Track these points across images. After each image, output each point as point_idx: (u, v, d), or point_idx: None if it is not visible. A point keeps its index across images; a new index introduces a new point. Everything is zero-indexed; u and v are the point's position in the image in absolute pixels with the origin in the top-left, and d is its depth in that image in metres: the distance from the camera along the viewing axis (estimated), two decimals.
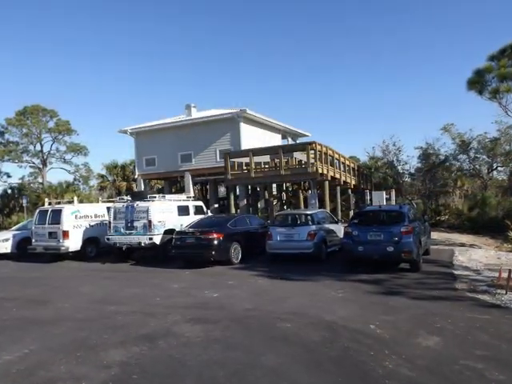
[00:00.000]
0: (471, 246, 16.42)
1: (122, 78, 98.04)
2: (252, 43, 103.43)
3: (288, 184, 25.72)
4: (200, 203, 17.70)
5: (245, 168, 21.35)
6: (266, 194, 25.13)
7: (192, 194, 19.69)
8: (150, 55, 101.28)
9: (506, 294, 8.31)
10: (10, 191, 37.62)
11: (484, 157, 29.54)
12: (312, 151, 19.30)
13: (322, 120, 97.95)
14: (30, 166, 40.57)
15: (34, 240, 16.16)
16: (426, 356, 5.38)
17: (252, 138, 23.91)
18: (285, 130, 27.83)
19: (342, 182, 22.69)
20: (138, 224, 14.52)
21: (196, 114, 26.23)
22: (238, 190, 24.15)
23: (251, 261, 13.72)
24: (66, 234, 15.62)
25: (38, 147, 39.85)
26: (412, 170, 30.34)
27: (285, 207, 25.59)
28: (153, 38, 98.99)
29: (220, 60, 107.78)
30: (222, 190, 42.17)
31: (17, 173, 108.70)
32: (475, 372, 4.91)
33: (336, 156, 22.16)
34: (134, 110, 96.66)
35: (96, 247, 16.48)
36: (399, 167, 29.59)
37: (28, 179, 41.15)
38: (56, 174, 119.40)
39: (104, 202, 20.70)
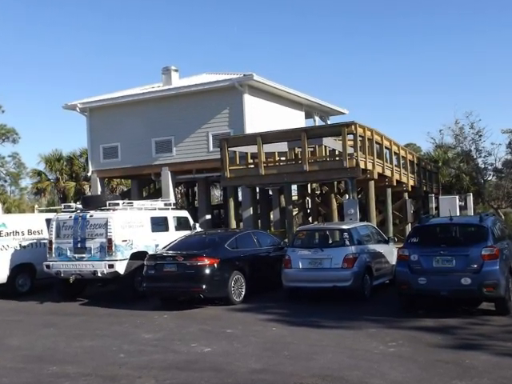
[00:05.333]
0: None
1: (68, 27, 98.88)
2: None
3: (315, 185, 25.68)
4: (184, 213, 17.73)
5: (251, 161, 21.38)
6: (283, 200, 25.12)
7: (173, 200, 19.74)
8: None
9: None
10: None
11: None
12: (350, 136, 19.25)
13: (363, 91, 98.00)
14: None
15: None
16: None
17: (261, 116, 23.92)
18: (310, 104, 27.82)
19: (394, 182, 22.62)
20: (93, 244, 14.57)
21: (179, 82, 26.29)
22: (240, 195, 24.15)
23: (260, 299, 13.73)
24: None
25: None
26: (498, 165, 30.19)
27: (310, 219, 25.57)
28: None
29: (216, 3, 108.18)
30: (216, 193, 42.31)
31: None
32: None
33: (386, 143, 22.10)
34: (88, 76, 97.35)
35: (30, 278, 16.54)
36: (479, 160, 29.46)
37: None
38: None
39: (42, 211, 20.82)
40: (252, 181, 20.79)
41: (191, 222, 17.52)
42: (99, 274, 14.37)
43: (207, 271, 12.80)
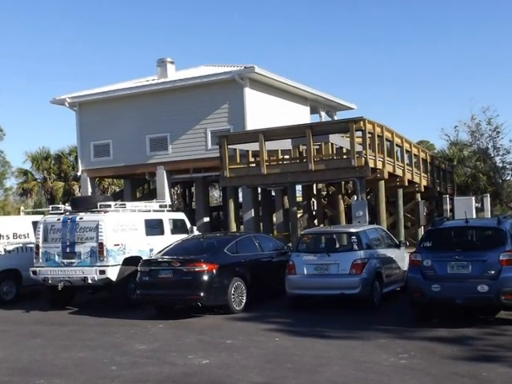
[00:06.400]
0: None
1: (57, 17, 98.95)
2: None
3: (321, 185, 25.71)
4: (181, 216, 17.71)
5: (252, 160, 21.40)
6: (286, 202, 25.14)
7: (168, 202, 19.76)
8: None
9: None
10: None
11: None
12: (359, 133, 19.27)
13: (373, 85, 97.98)
14: None
15: None
16: None
17: (263, 111, 23.93)
18: (316, 99, 27.84)
19: (406, 182, 22.63)
20: (83, 249, 14.55)
21: (175, 75, 26.29)
22: (240, 195, 24.15)
23: (262, 307, 13.73)
24: None
25: None
26: None
27: (315, 222, 25.58)
28: None
29: None
30: (215, 194, 42.41)
31: None
32: None
33: (397, 141, 22.12)
34: (78, 69, 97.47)
35: (16, 285, 16.52)
36: (497, 158, 29.46)
37: None
38: None
39: (29, 213, 20.85)
40: (253, 181, 20.81)
41: (188, 224, 17.52)
42: (89, 281, 14.32)
43: (205, 277, 12.79)
